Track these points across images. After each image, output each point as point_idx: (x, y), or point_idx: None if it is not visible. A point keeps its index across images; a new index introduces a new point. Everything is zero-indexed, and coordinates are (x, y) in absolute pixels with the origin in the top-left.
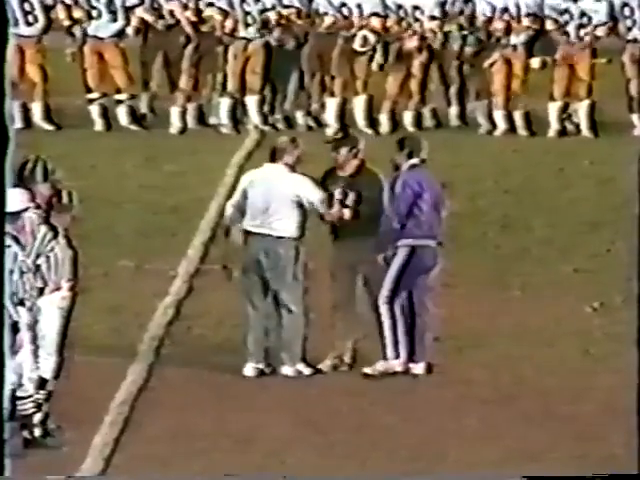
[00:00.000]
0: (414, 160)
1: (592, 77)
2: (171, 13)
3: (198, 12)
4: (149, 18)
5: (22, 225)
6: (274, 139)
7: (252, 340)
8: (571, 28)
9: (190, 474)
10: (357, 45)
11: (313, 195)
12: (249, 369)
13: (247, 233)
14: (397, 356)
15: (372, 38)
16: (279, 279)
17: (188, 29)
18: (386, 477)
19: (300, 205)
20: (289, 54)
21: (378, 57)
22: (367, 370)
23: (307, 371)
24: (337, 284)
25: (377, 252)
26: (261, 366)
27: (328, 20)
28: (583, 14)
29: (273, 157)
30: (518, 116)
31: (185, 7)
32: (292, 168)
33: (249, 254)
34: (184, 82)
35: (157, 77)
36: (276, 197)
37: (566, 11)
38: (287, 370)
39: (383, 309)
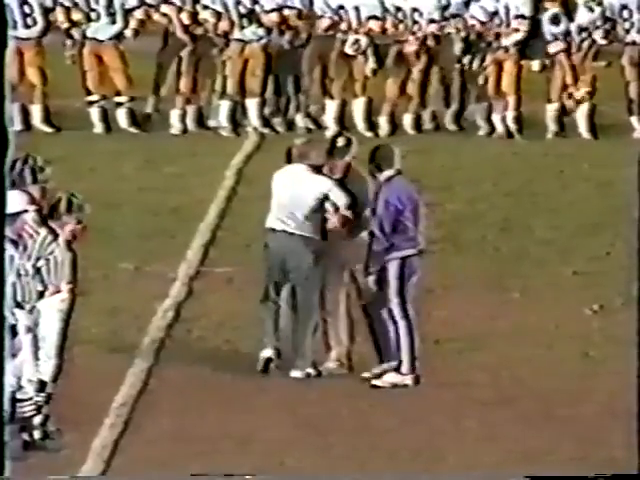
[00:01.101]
0: (389, 172)
1: (593, 80)
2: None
3: (194, 15)
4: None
5: (20, 227)
6: (273, 141)
7: (268, 331)
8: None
9: (190, 476)
10: (348, 48)
11: (340, 198)
12: (267, 352)
13: (272, 231)
14: (413, 371)
15: (364, 41)
16: (299, 280)
17: (180, 32)
18: (386, 479)
19: (322, 206)
20: (289, 56)
21: (371, 62)
22: (377, 382)
23: (314, 373)
24: (328, 286)
25: (367, 274)
26: (273, 355)
27: (325, 22)
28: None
29: (289, 158)
30: (510, 118)
31: (180, 10)
32: (316, 169)
33: (274, 253)
34: (183, 85)
35: (170, 80)
36: (302, 196)
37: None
38: (296, 373)
39: (401, 325)
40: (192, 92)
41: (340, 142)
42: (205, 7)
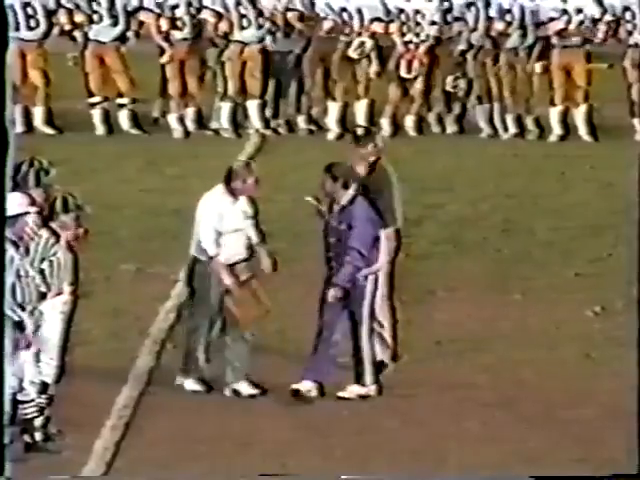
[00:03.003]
0: (351, 191)
1: (588, 82)
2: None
3: (173, 20)
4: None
5: (21, 229)
6: (275, 143)
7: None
8: (570, 28)
9: (191, 478)
10: (352, 52)
11: (204, 229)
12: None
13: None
14: (376, 381)
15: (369, 45)
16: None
17: (158, 39)
18: None
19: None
20: (291, 58)
21: (374, 65)
22: (342, 394)
23: (248, 391)
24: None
25: (334, 285)
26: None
27: (328, 24)
28: (579, 12)
29: (228, 179)
30: (530, 120)
31: (159, 16)
32: (232, 193)
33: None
34: (171, 89)
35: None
36: (198, 218)
37: (564, 12)
38: (181, 381)
39: (366, 339)
40: (181, 96)
41: (359, 131)
42: (203, 8)
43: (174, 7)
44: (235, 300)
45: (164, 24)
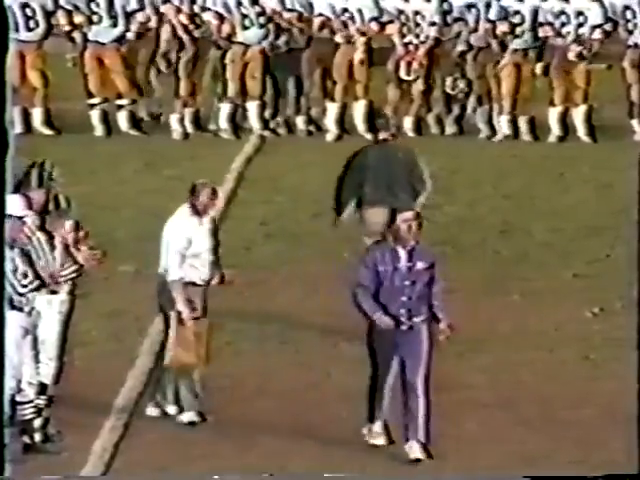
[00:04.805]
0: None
1: (587, 83)
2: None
3: (192, 16)
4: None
5: (17, 230)
6: (274, 144)
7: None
8: (568, 30)
9: (189, 479)
10: (339, 38)
11: (171, 252)
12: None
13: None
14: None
15: (353, 28)
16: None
17: (181, 33)
18: None
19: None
20: (289, 59)
21: (360, 52)
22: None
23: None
24: None
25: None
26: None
27: (327, 25)
28: (579, 14)
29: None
30: (523, 122)
31: (178, 10)
32: (197, 213)
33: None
34: (182, 88)
35: (154, 82)
36: (170, 238)
37: (562, 13)
38: (151, 411)
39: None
40: (190, 95)
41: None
42: (205, 9)
43: (192, 2)
44: (177, 333)
45: (183, 20)
